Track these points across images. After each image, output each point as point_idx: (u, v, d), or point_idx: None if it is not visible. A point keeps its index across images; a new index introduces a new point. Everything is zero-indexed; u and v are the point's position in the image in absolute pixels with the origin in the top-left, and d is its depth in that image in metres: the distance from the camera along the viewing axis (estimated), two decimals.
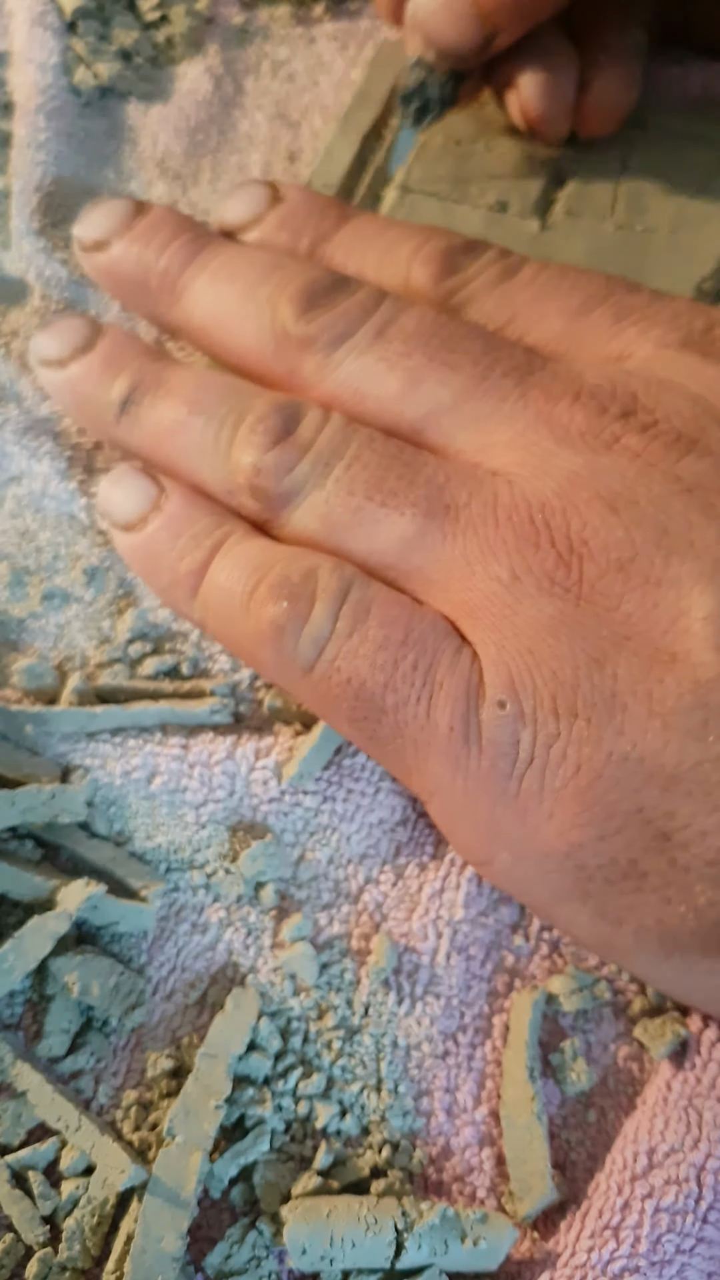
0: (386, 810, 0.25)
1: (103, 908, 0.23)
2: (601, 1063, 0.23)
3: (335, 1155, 0.22)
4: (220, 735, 0.25)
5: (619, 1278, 0.20)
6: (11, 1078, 0.22)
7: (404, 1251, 0.20)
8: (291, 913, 0.24)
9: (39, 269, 0.33)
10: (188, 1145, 0.21)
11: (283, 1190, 0.21)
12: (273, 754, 0.25)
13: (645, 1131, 0.21)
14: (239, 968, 0.24)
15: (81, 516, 0.29)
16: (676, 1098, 0.21)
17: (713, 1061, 0.22)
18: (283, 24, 0.40)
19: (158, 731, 0.25)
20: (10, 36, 0.38)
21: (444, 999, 0.23)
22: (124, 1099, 0.22)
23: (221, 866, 0.24)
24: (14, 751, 0.25)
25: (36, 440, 0.29)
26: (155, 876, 0.24)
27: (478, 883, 0.24)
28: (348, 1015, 0.23)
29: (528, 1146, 0.22)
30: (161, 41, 0.39)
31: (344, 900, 0.24)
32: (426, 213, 0.32)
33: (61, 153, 0.35)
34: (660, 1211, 0.20)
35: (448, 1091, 0.23)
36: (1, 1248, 0.21)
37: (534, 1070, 0.22)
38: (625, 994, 0.24)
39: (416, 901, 0.24)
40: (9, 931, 0.23)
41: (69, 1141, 0.21)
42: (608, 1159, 0.21)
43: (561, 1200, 0.22)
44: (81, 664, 0.27)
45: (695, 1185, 0.20)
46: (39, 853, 0.24)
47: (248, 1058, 0.22)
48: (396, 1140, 0.22)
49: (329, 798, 0.25)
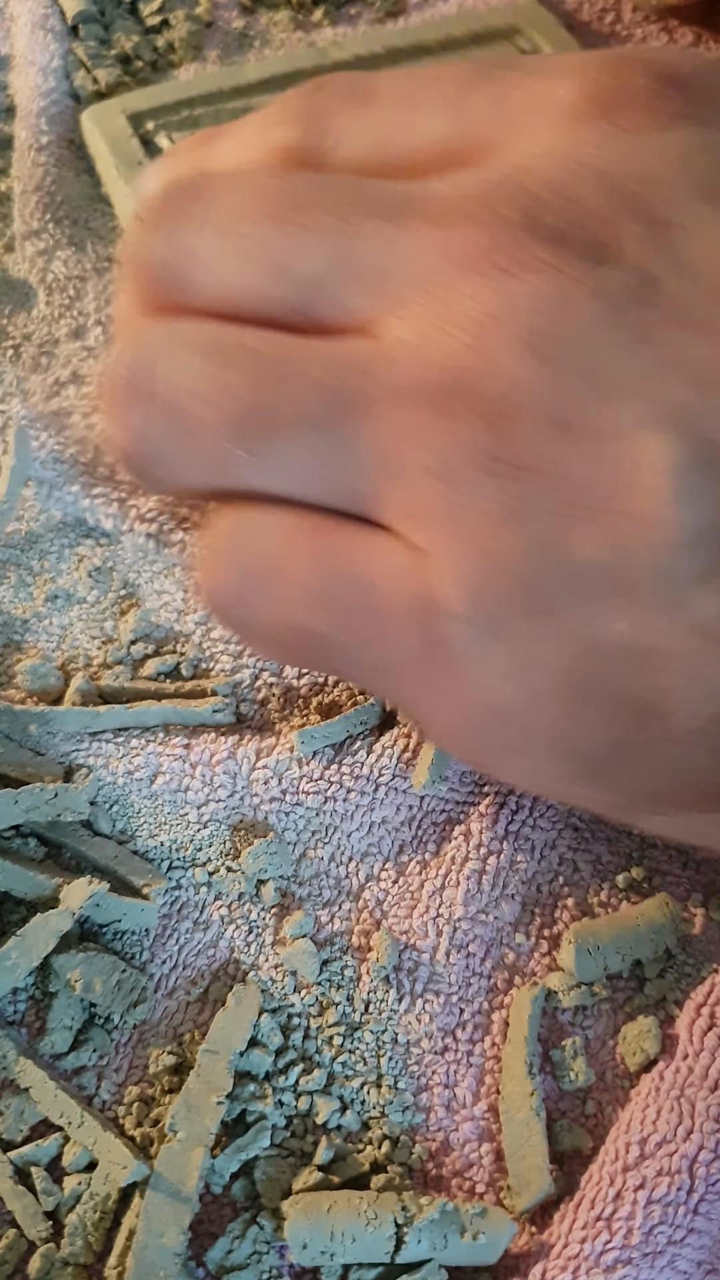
0: (390, 809, 0.25)
1: (105, 905, 0.23)
2: (600, 1059, 0.23)
3: (336, 1150, 0.22)
4: (222, 735, 0.25)
5: (612, 1269, 0.20)
6: (15, 1074, 0.22)
7: (404, 1246, 0.20)
8: (293, 910, 0.24)
9: (42, 271, 0.33)
10: (189, 1141, 0.21)
11: (284, 1185, 0.21)
12: (274, 753, 0.25)
13: (637, 1122, 0.21)
14: (240, 965, 0.24)
15: (85, 517, 0.29)
16: (668, 1088, 0.22)
17: (704, 1051, 0.22)
18: (282, 29, 0.40)
19: (160, 731, 0.25)
20: (12, 40, 0.38)
21: (444, 995, 0.23)
22: (126, 1095, 0.22)
23: (223, 864, 0.25)
24: (18, 751, 0.25)
25: (41, 440, 0.29)
26: (157, 874, 0.24)
27: (478, 880, 0.24)
28: (348, 1011, 0.23)
29: (526, 1142, 0.22)
30: (162, 46, 0.39)
31: (345, 898, 0.25)
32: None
33: (63, 156, 0.35)
34: (653, 1203, 0.20)
35: (447, 1087, 0.23)
36: (4, 1243, 0.21)
37: (533, 1066, 0.23)
38: (624, 991, 0.24)
39: (417, 899, 0.24)
40: (12, 929, 0.23)
41: (71, 1137, 0.22)
42: (601, 1150, 0.22)
43: (559, 1194, 0.22)
44: (85, 664, 0.27)
45: (687, 1177, 0.21)
46: (42, 851, 0.24)
47: (249, 1054, 0.22)
48: (396, 1135, 0.22)
49: (330, 797, 0.25)
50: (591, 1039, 0.23)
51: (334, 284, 0.20)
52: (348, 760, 0.25)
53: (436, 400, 0.19)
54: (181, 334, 0.21)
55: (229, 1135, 0.22)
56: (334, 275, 0.20)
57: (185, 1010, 0.23)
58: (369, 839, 0.25)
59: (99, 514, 0.29)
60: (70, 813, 0.24)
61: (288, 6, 0.41)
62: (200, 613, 0.27)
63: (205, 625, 0.27)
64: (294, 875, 0.25)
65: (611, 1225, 0.20)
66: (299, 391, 0.20)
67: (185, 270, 0.21)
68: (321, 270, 0.20)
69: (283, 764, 0.25)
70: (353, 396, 0.19)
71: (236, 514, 0.21)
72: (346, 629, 0.20)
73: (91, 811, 0.25)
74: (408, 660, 0.20)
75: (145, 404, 0.21)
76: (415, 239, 0.20)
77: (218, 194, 0.21)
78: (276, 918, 0.24)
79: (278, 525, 0.21)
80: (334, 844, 0.25)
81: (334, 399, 0.20)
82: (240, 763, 0.25)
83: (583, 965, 0.23)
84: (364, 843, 0.25)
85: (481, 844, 0.25)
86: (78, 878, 0.23)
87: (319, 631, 0.21)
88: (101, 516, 0.29)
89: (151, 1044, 0.23)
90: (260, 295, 0.21)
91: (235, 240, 0.21)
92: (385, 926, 0.24)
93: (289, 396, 0.20)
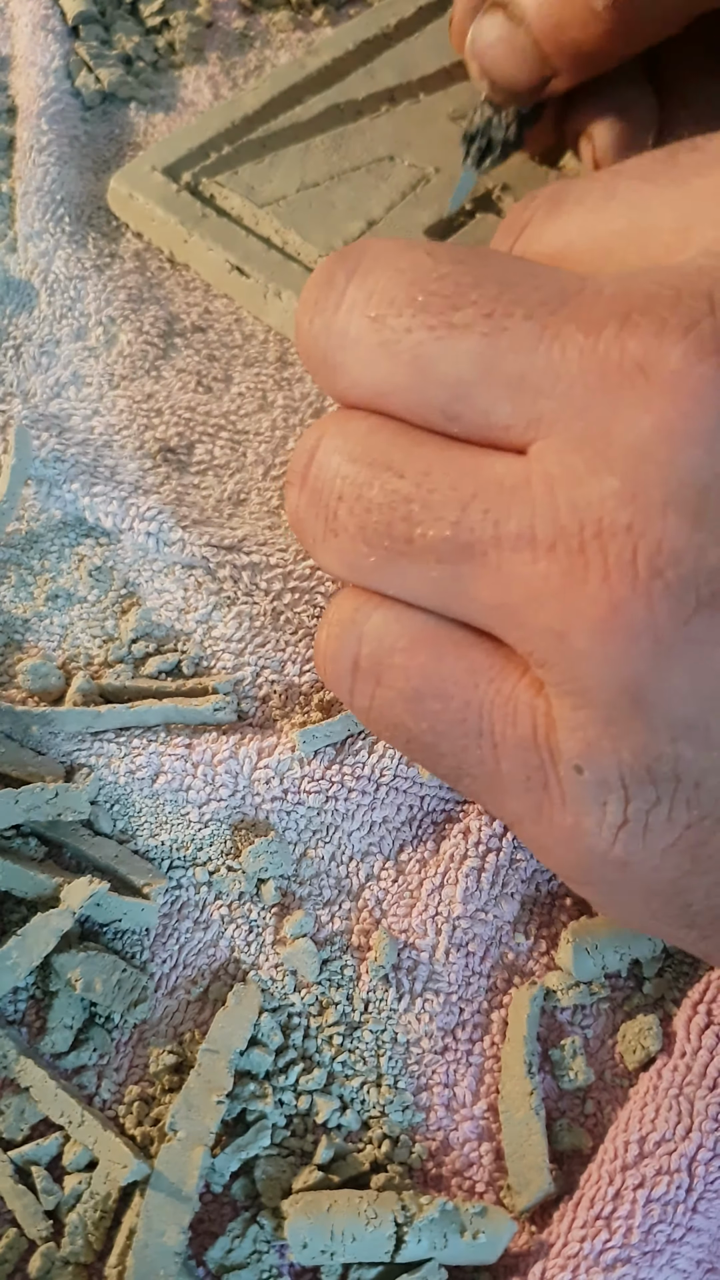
0: (391, 809, 0.25)
1: (106, 905, 0.23)
2: (599, 1058, 0.23)
3: (336, 1150, 0.22)
4: (223, 735, 0.25)
5: (611, 1268, 0.20)
6: (15, 1074, 0.22)
7: (404, 1245, 0.20)
8: (293, 909, 0.24)
9: (44, 272, 0.33)
10: (189, 1140, 0.21)
11: (284, 1185, 0.21)
12: (275, 753, 0.25)
13: (636, 1121, 0.21)
14: (241, 964, 0.24)
15: (85, 517, 0.29)
16: (667, 1086, 0.22)
17: (702, 1049, 0.22)
18: (282, 29, 0.40)
19: (161, 731, 0.25)
20: (13, 40, 0.39)
21: (443, 995, 0.23)
22: (126, 1094, 0.22)
23: (224, 864, 0.25)
24: (19, 751, 0.25)
25: (42, 440, 0.29)
26: (158, 874, 0.24)
27: (476, 878, 0.24)
28: (348, 1011, 0.23)
29: (526, 1141, 0.22)
30: (163, 46, 0.39)
31: (345, 897, 0.25)
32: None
33: (65, 156, 0.35)
34: (652, 1202, 0.20)
35: (447, 1086, 0.23)
36: (5, 1242, 0.21)
37: (532, 1065, 0.23)
38: (622, 990, 0.24)
39: (416, 897, 0.24)
40: (13, 928, 0.23)
41: (72, 1137, 0.22)
42: (600, 1149, 0.22)
43: (558, 1193, 0.22)
44: (86, 663, 0.27)
45: (686, 1176, 0.21)
46: (43, 850, 0.24)
47: (249, 1053, 0.22)
48: (396, 1135, 0.22)
49: (332, 797, 0.25)
50: (590, 1038, 0.23)
51: (481, 394, 0.19)
52: (349, 760, 0.25)
53: (568, 558, 0.17)
54: (339, 426, 0.21)
55: (229, 1134, 0.22)
56: (481, 384, 0.18)
57: (185, 1009, 0.23)
58: (370, 838, 0.25)
59: (99, 513, 0.29)
60: (71, 812, 0.24)
61: (288, 7, 0.41)
62: (201, 611, 0.27)
63: (206, 623, 0.27)
64: (294, 875, 0.25)
65: (611, 1224, 0.20)
66: (428, 526, 0.19)
67: (340, 356, 0.20)
68: (468, 376, 0.18)
69: (284, 763, 0.25)
70: (479, 541, 0.18)
71: (361, 598, 0.21)
72: (449, 740, 0.20)
73: (92, 811, 0.25)
74: (513, 785, 0.20)
75: (299, 488, 0.21)
76: (565, 345, 0.17)
77: (371, 270, 0.20)
78: (277, 917, 0.24)
79: (396, 623, 0.20)
80: (335, 843, 0.25)
81: (461, 541, 0.18)
82: (242, 762, 0.25)
83: (581, 964, 0.23)
84: (365, 842, 0.25)
85: (480, 841, 0.25)
86: (78, 877, 0.23)
87: (420, 735, 0.20)
88: (101, 516, 0.29)
89: (152, 1043, 0.23)
90: (408, 396, 0.20)
91: (382, 334, 0.19)
92: (385, 925, 0.24)
93: (419, 529, 0.19)
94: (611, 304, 0.17)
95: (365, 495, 0.20)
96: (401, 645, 0.20)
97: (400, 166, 0.34)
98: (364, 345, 0.20)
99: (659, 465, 0.16)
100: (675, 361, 0.16)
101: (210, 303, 0.33)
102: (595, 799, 0.18)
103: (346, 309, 0.20)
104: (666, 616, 0.17)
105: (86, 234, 0.34)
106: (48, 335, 0.32)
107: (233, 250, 0.32)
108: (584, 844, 0.19)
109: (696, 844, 0.18)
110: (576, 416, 0.17)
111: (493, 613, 0.19)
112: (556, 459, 0.17)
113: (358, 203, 0.33)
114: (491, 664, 0.19)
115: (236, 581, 0.28)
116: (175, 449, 0.30)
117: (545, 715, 0.19)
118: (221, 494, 0.30)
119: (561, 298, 0.18)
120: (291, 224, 0.33)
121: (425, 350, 0.19)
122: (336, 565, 0.21)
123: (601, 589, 0.17)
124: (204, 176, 0.34)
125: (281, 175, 0.34)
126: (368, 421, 0.20)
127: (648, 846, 0.18)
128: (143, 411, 0.31)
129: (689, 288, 0.17)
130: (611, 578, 0.17)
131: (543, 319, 0.18)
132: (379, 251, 0.20)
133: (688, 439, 0.16)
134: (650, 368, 0.16)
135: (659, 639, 0.17)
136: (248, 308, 0.33)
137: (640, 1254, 0.20)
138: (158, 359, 0.32)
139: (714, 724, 0.17)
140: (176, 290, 0.34)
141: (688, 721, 0.17)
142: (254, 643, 0.27)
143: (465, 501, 0.18)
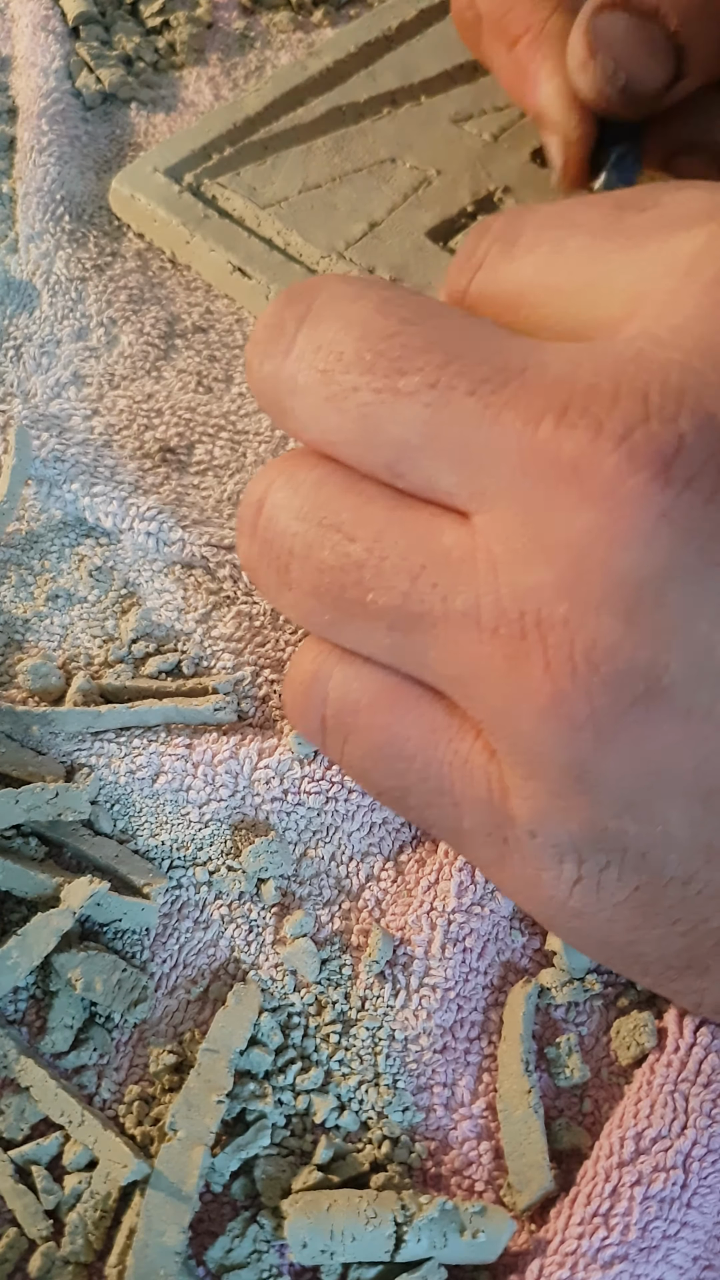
0: (390, 810, 0.25)
1: (106, 905, 0.23)
2: (594, 1055, 0.23)
3: (335, 1150, 0.22)
4: (224, 735, 0.25)
5: (609, 1265, 0.20)
6: (15, 1073, 0.22)
7: (404, 1244, 0.20)
8: (293, 909, 0.24)
9: (45, 273, 0.33)
10: (189, 1140, 0.21)
11: (283, 1184, 0.21)
12: (276, 753, 0.25)
13: (631, 1117, 0.21)
14: (241, 964, 0.24)
15: (86, 517, 0.29)
16: (661, 1082, 0.22)
17: (697, 1045, 0.22)
18: (282, 30, 0.40)
19: (162, 731, 0.25)
20: (13, 41, 0.39)
21: (440, 991, 0.23)
22: (126, 1094, 0.22)
23: (224, 864, 0.25)
24: (19, 751, 0.25)
25: (42, 440, 0.29)
26: (158, 874, 0.24)
27: (470, 873, 0.24)
28: (344, 1009, 0.23)
29: (525, 1139, 0.22)
30: (163, 47, 0.39)
31: (345, 897, 0.25)
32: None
33: (65, 156, 0.35)
34: (649, 1199, 0.21)
35: (446, 1086, 0.23)
36: (5, 1242, 0.21)
37: (529, 1063, 0.23)
38: (615, 986, 0.24)
39: (412, 895, 0.24)
40: (13, 928, 0.23)
41: (72, 1136, 0.22)
42: (596, 1145, 0.22)
43: (557, 1191, 0.22)
44: (86, 663, 0.27)
45: (682, 1172, 0.21)
46: (43, 850, 0.24)
47: (249, 1053, 0.22)
48: (396, 1134, 0.22)
49: (332, 797, 0.25)
50: (585, 1035, 0.23)
51: (425, 461, 0.19)
52: None
53: (511, 643, 0.17)
54: (287, 476, 0.21)
55: (229, 1134, 0.22)
56: (425, 451, 0.18)
57: (185, 1009, 0.23)
58: (370, 839, 0.25)
59: (99, 513, 0.29)
60: (71, 812, 0.24)
61: (288, 7, 0.41)
62: (201, 610, 0.27)
63: (206, 623, 0.27)
64: (294, 875, 0.25)
65: (609, 1221, 0.20)
66: (379, 594, 0.19)
67: (289, 402, 0.20)
68: (414, 442, 0.18)
69: (285, 764, 0.25)
70: (429, 613, 0.18)
71: (322, 652, 0.22)
72: (415, 795, 0.21)
73: (92, 811, 0.25)
74: (476, 838, 0.20)
75: (249, 538, 0.21)
76: (504, 431, 0.17)
77: (321, 319, 0.20)
78: (277, 917, 0.24)
79: (357, 680, 0.21)
80: (335, 843, 0.25)
81: (413, 611, 0.19)
82: (242, 762, 0.25)
83: (573, 954, 0.23)
84: (364, 842, 0.25)
85: None
86: (78, 877, 0.23)
87: (389, 790, 0.22)
88: (101, 516, 0.29)
89: (152, 1043, 0.23)
90: (355, 449, 0.20)
91: (330, 388, 0.19)
92: (384, 925, 0.24)
93: (370, 595, 0.19)
94: (551, 393, 0.17)
95: (316, 555, 0.20)
96: (364, 703, 0.21)
97: (402, 169, 0.35)
98: (312, 396, 0.20)
99: (593, 565, 0.17)
100: (609, 470, 0.16)
101: (211, 303, 0.34)
102: (551, 858, 0.19)
103: (295, 357, 0.20)
104: (605, 708, 0.17)
105: (87, 234, 0.34)
106: (48, 335, 0.32)
107: (234, 251, 0.33)
108: (544, 893, 0.20)
109: (647, 902, 0.19)
110: (517, 500, 0.17)
111: (445, 681, 0.19)
112: (499, 538, 0.18)
113: (359, 204, 0.34)
114: (449, 723, 0.20)
115: (236, 581, 0.28)
116: (175, 449, 0.30)
117: (499, 781, 0.19)
118: (221, 494, 0.30)
119: (504, 376, 0.18)
120: (293, 225, 0.33)
121: (371, 411, 0.19)
122: (295, 617, 0.21)
123: (544, 678, 0.17)
124: (206, 178, 0.34)
125: (283, 177, 0.34)
126: (316, 471, 0.20)
127: (601, 901, 0.19)
128: (143, 412, 0.31)
129: (627, 384, 0.17)
130: (552, 668, 0.17)
131: (485, 397, 0.18)
132: (330, 296, 0.20)
133: (620, 543, 0.16)
134: (584, 472, 0.16)
135: (599, 729, 0.17)
136: (249, 309, 0.33)
137: (637, 1251, 0.20)
138: (158, 359, 0.32)
139: (655, 803, 0.18)
140: (178, 291, 0.34)
141: (629, 800, 0.18)
142: (254, 642, 0.27)
143: (415, 573, 0.19)
